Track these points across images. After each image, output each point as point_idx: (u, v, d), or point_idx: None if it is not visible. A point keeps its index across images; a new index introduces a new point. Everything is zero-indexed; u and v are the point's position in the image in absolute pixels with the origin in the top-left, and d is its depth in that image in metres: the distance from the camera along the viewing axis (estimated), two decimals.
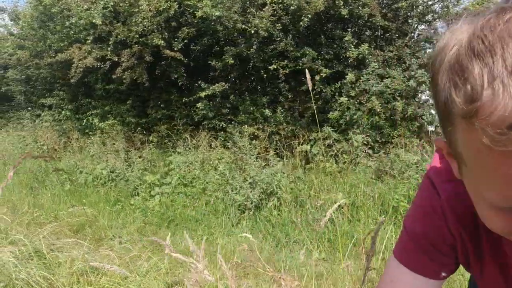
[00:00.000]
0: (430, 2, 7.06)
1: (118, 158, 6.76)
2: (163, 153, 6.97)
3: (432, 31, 7.18)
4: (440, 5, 7.14)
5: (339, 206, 5.30)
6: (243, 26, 5.46)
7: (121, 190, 6.25)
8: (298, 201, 5.37)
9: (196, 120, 7.23)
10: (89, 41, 6.35)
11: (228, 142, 6.78)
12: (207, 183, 5.76)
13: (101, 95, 8.00)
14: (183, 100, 6.79)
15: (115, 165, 6.59)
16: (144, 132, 7.58)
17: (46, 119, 8.66)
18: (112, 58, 6.34)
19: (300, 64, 5.87)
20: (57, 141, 8.17)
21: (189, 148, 6.64)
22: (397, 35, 6.70)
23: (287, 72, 6.06)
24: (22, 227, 4.47)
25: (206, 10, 5.10)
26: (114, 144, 7.20)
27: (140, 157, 6.92)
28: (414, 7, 6.72)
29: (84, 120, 7.88)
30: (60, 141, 8.19)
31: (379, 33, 6.69)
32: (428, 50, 7.39)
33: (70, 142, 8.15)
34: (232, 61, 5.83)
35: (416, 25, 7.15)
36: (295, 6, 5.23)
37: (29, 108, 9.23)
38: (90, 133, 7.93)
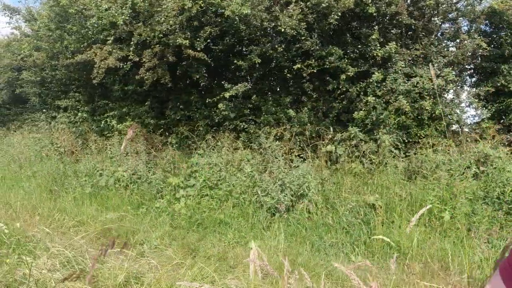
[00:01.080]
0: (454, 0, 6.93)
1: (139, 160, 6.64)
2: (184, 155, 6.85)
3: (456, 29, 7.05)
4: (464, 3, 7.00)
5: (371, 207, 5.19)
6: (272, 24, 5.33)
7: (144, 192, 6.12)
8: (329, 203, 5.24)
9: (216, 121, 7.11)
10: (110, 41, 6.24)
11: (251, 143, 6.66)
12: (233, 185, 5.64)
13: (119, 97, 7.89)
14: (206, 101, 6.66)
15: (137, 167, 6.47)
16: (163, 133, 7.46)
17: (62, 121, 8.55)
18: (133, 59, 6.23)
19: (328, 63, 5.74)
20: (74, 143, 8.06)
21: (212, 150, 6.51)
22: (423, 34, 6.57)
23: (314, 71, 5.93)
24: (53, 234, 4.36)
25: (235, 8, 4.97)
26: (134, 146, 7.08)
27: (162, 158, 6.81)
28: (439, 5, 6.58)
29: (102, 122, 7.77)
30: (77, 143, 8.08)
31: (404, 32, 6.56)
32: (451, 49, 7.27)
33: (87, 144, 8.04)
34: (259, 60, 5.71)
35: (441, 23, 7.02)
36: (326, 4, 5.10)
37: (44, 110, 9.13)
38: (108, 134, 7.82)
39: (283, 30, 5.26)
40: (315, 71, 5.77)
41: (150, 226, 5.17)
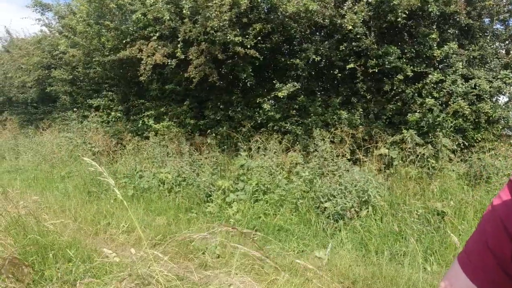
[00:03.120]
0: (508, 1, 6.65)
1: (182, 161, 6.40)
2: (228, 157, 6.61)
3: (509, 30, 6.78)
4: None
5: (438, 214, 4.93)
6: (338, 21, 5.09)
7: (190, 196, 5.88)
8: (393, 209, 4.98)
9: (259, 121, 6.87)
10: (155, 37, 6.01)
11: (296, 145, 6.41)
12: (288, 189, 5.39)
13: (156, 96, 7.66)
14: (250, 101, 6.42)
15: (181, 168, 6.23)
16: (203, 134, 7.23)
17: (95, 120, 8.34)
18: (179, 56, 6.00)
19: (387, 63, 5.49)
20: (109, 143, 7.84)
21: (258, 152, 6.27)
22: (479, 34, 6.30)
23: (369, 71, 5.68)
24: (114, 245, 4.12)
25: (302, 4, 4.73)
26: (175, 146, 6.86)
27: (206, 158, 6.58)
28: (496, 6, 6.32)
29: (140, 122, 7.54)
30: (112, 143, 7.86)
31: (460, 32, 6.30)
32: (500, 51, 7.00)
33: (122, 144, 7.82)
34: (318, 58, 5.47)
35: (493, 23, 6.75)
36: (397, 1, 4.84)
37: (74, 109, 8.92)
38: (145, 134, 7.60)
39: (348, 27, 5.01)
40: (376, 70, 5.51)
41: (201, 232, 4.93)
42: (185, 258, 4.16)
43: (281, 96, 5.70)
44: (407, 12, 5.03)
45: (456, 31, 6.32)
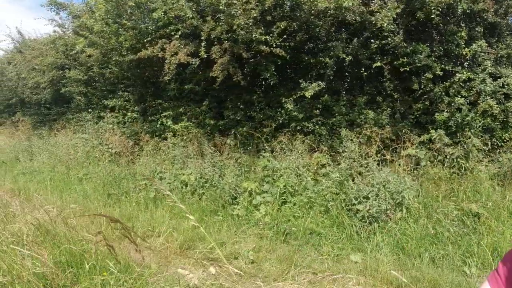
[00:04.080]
0: None
1: (205, 163, 6.30)
2: (251, 157, 6.51)
3: None
4: None
5: (474, 215, 4.82)
6: (371, 18, 4.98)
7: (215, 198, 5.77)
8: (427, 211, 4.87)
9: (280, 122, 6.76)
10: (177, 36, 5.90)
11: (320, 145, 6.31)
12: (317, 191, 5.28)
13: (174, 96, 7.56)
14: (279, 100, 6.32)
15: (204, 170, 6.13)
16: (224, 134, 7.13)
17: (110, 121, 8.23)
18: (202, 56, 5.90)
19: (417, 61, 5.37)
20: (126, 144, 7.74)
21: (282, 153, 6.16)
22: (506, 33, 6.19)
23: (398, 69, 5.57)
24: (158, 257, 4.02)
25: (337, 0, 4.62)
26: (195, 147, 6.75)
27: (227, 158, 6.47)
28: None
29: (158, 123, 7.44)
30: (128, 144, 7.77)
31: (487, 30, 6.18)
32: None
33: (140, 145, 7.73)
34: (349, 57, 5.36)
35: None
36: None
37: (89, 110, 8.82)
38: (163, 135, 7.50)
39: (381, 25, 4.91)
40: (407, 69, 5.40)
41: (232, 237, 4.80)
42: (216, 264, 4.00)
43: (308, 96, 5.58)
44: (440, 10, 4.91)
45: (483, 29, 6.21)
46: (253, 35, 5.53)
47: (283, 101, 6.19)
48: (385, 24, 4.99)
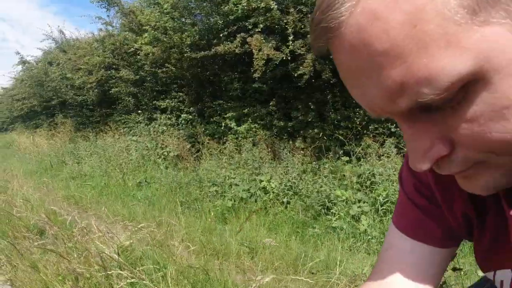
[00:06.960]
0: None
1: (286, 168, 5.76)
2: (332, 162, 5.96)
3: None
4: None
5: None
6: None
7: (304, 208, 5.21)
8: None
9: (358, 123, 6.21)
10: (259, 29, 5.38)
11: (403, 148, 5.74)
12: None
13: (236, 96, 7.04)
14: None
15: (285, 176, 5.59)
16: (297, 137, 6.60)
17: (164, 123, 7.75)
18: (285, 51, 5.38)
19: None
20: (184, 147, 7.25)
21: (369, 156, 5.61)
22: None
23: None
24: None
25: None
26: (268, 150, 6.23)
27: (303, 163, 5.94)
28: None
29: (222, 124, 6.92)
30: (186, 147, 7.27)
31: None
32: None
33: (199, 148, 7.22)
34: None
35: None
36: None
37: (139, 112, 8.36)
38: (225, 138, 7.00)
39: None
40: None
41: (337, 252, 4.24)
42: None
43: None
44: None
45: None
46: None
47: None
48: None
